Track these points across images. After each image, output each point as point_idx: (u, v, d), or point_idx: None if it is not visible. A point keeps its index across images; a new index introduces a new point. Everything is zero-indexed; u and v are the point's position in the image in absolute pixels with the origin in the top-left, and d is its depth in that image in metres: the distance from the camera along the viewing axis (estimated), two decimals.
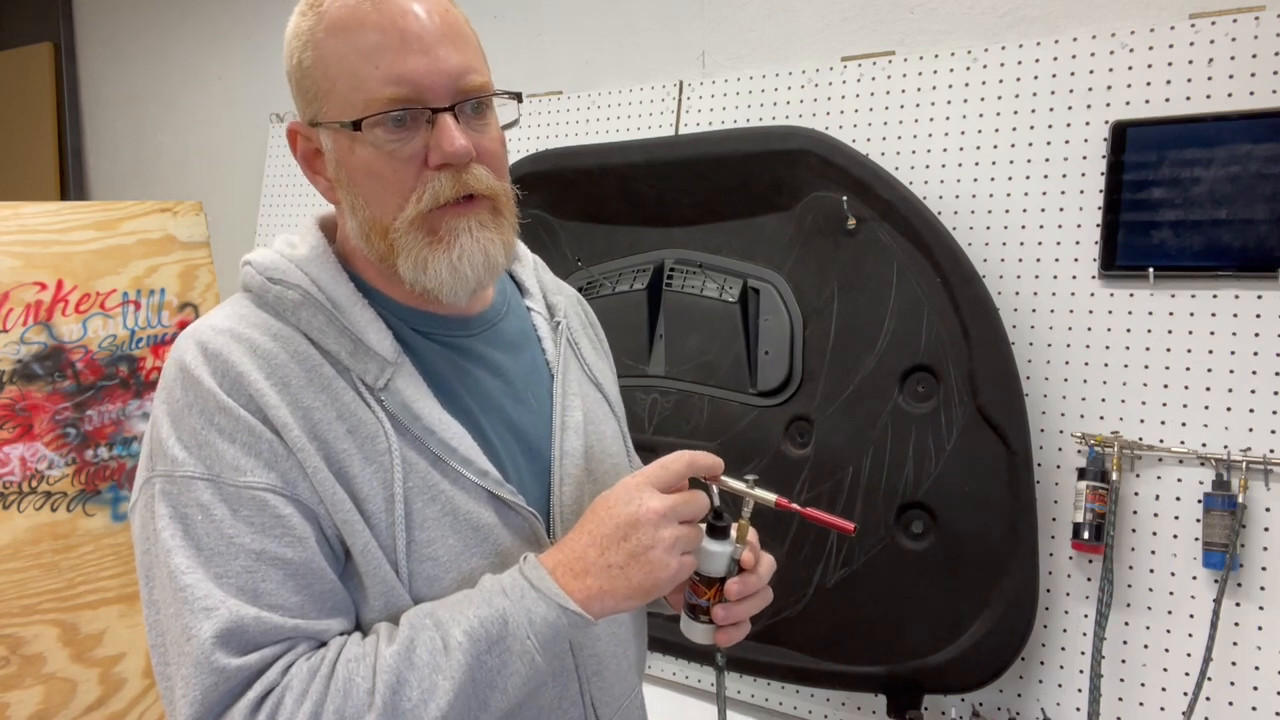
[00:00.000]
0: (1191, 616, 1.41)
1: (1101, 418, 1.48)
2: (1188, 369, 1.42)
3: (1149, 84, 1.46)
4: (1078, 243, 1.51)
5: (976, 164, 1.60)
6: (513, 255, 0.86)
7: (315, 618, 0.74)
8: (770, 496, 0.83)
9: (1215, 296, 1.40)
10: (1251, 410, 1.37)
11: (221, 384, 0.76)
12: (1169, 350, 1.43)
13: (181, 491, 0.74)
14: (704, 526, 0.84)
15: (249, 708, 0.69)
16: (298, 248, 0.85)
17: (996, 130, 1.58)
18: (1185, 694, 1.40)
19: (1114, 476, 1.44)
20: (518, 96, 0.84)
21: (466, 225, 0.79)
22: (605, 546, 0.77)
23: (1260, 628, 1.36)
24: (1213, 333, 1.40)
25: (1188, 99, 1.43)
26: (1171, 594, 1.42)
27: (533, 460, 0.89)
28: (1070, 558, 1.50)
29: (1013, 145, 1.57)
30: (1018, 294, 1.55)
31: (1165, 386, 1.43)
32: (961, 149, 1.61)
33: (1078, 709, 1.49)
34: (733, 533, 0.84)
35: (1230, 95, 1.40)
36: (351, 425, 0.78)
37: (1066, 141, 1.52)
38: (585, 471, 0.92)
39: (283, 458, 0.75)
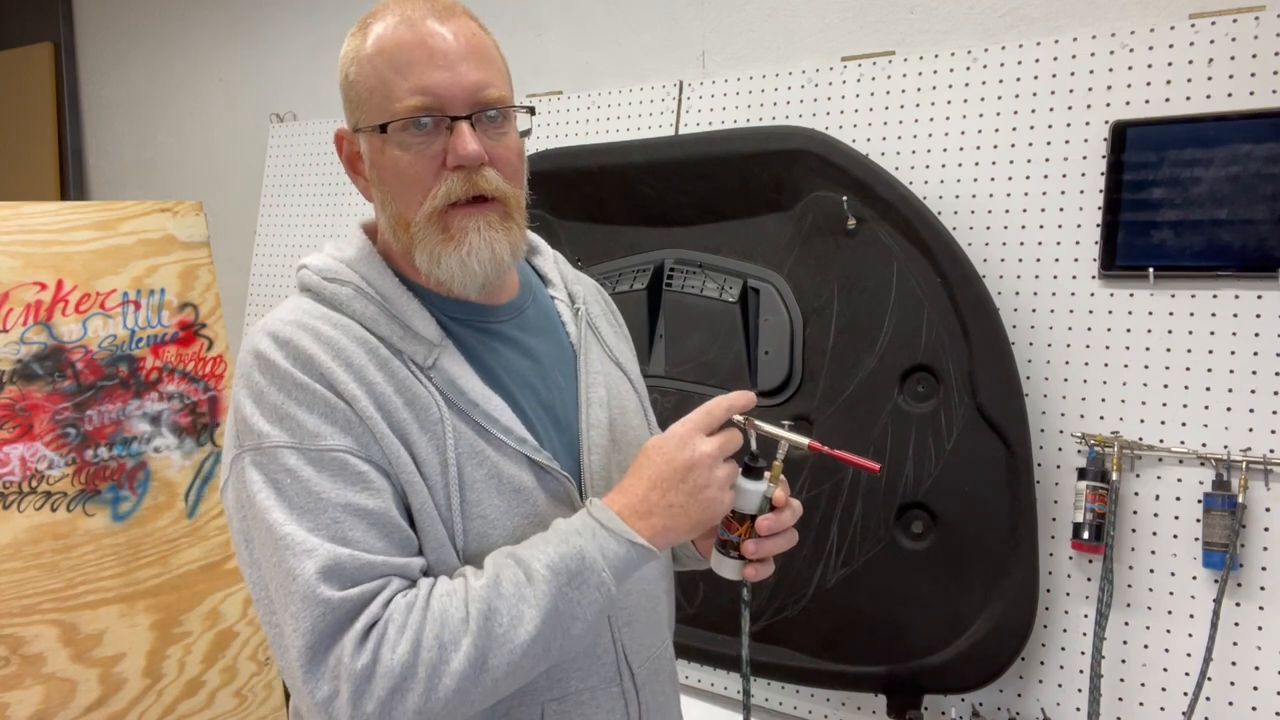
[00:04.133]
0: (1191, 616, 1.41)
1: (1101, 418, 1.48)
2: (1188, 369, 1.42)
3: (1149, 84, 1.46)
4: (1078, 243, 1.51)
5: (976, 164, 1.60)
6: (520, 254, 0.95)
7: (399, 556, 0.83)
8: (804, 440, 0.91)
9: (1215, 296, 1.40)
10: (1251, 410, 1.37)
11: (295, 365, 0.85)
12: (1169, 350, 1.43)
13: (270, 460, 0.82)
14: (740, 467, 0.91)
15: (357, 637, 0.78)
16: (345, 250, 0.95)
17: (996, 130, 1.58)
18: (1185, 694, 1.40)
19: (1114, 476, 1.44)
20: (530, 110, 0.95)
21: (476, 225, 0.88)
22: (666, 489, 0.87)
23: (1260, 628, 1.36)
24: (1213, 333, 1.40)
25: (1188, 99, 1.43)
26: (1171, 594, 1.42)
27: (562, 432, 0.98)
28: (1070, 558, 1.50)
29: (1013, 145, 1.57)
30: (1018, 294, 1.55)
31: (1165, 386, 1.43)
32: (961, 149, 1.61)
33: (1078, 709, 1.49)
34: (766, 474, 0.92)
35: (1230, 95, 1.40)
36: (408, 399, 0.87)
37: (1066, 141, 1.52)
38: (611, 441, 1.01)
39: (355, 424, 0.84)
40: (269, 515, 0.81)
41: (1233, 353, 1.38)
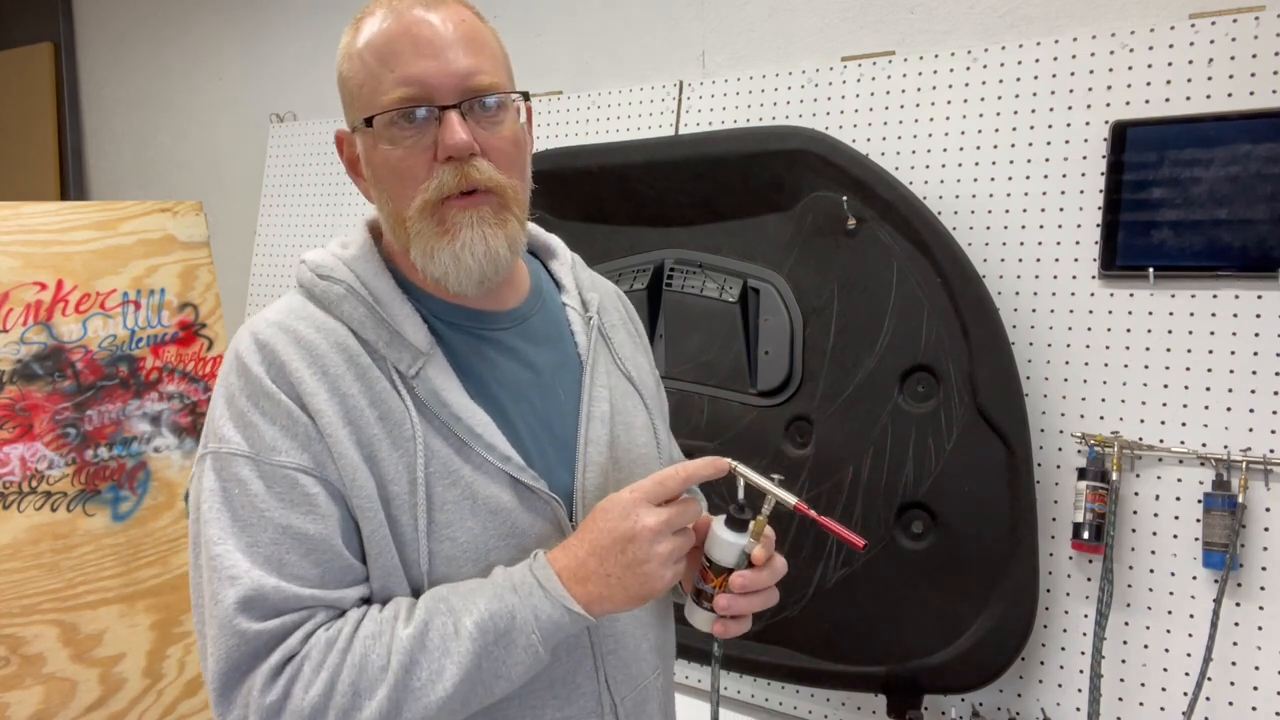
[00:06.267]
0: (1191, 616, 1.41)
1: (1101, 418, 1.48)
2: (1188, 369, 1.42)
3: (1149, 84, 1.46)
4: (1078, 243, 1.51)
5: (976, 164, 1.60)
6: (520, 250, 0.90)
7: (333, 588, 0.81)
8: (790, 499, 0.85)
9: (1215, 296, 1.40)
10: (1251, 410, 1.37)
11: (268, 372, 0.83)
12: (1169, 350, 1.43)
13: (225, 466, 0.81)
14: (723, 517, 0.87)
15: (270, 672, 0.76)
16: (348, 247, 0.92)
17: (996, 130, 1.58)
18: (1185, 694, 1.40)
19: (1114, 476, 1.44)
20: (524, 95, 0.90)
21: (469, 219, 0.85)
22: (604, 558, 0.82)
23: (1260, 628, 1.36)
24: (1213, 333, 1.40)
25: (1188, 99, 1.43)
26: (1171, 594, 1.42)
27: (560, 449, 0.93)
28: (1070, 558, 1.50)
29: (1013, 145, 1.57)
30: (1018, 294, 1.55)
31: (1165, 386, 1.43)
32: (961, 149, 1.61)
33: (1078, 709, 1.49)
34: (751, 525, 0.86)
35: (1230, 95, 1.40)
36: (382, 412, 0.84)
37: (1066, 141, 1.52)
38: (610, 460, 0.95)
39: (315, 440, 0.81)
40: (208, 529, 0.79)
41: (1233, 353, 1.38)
